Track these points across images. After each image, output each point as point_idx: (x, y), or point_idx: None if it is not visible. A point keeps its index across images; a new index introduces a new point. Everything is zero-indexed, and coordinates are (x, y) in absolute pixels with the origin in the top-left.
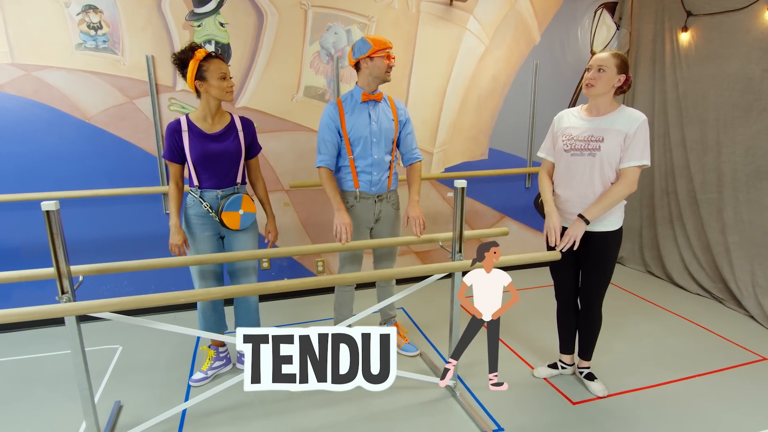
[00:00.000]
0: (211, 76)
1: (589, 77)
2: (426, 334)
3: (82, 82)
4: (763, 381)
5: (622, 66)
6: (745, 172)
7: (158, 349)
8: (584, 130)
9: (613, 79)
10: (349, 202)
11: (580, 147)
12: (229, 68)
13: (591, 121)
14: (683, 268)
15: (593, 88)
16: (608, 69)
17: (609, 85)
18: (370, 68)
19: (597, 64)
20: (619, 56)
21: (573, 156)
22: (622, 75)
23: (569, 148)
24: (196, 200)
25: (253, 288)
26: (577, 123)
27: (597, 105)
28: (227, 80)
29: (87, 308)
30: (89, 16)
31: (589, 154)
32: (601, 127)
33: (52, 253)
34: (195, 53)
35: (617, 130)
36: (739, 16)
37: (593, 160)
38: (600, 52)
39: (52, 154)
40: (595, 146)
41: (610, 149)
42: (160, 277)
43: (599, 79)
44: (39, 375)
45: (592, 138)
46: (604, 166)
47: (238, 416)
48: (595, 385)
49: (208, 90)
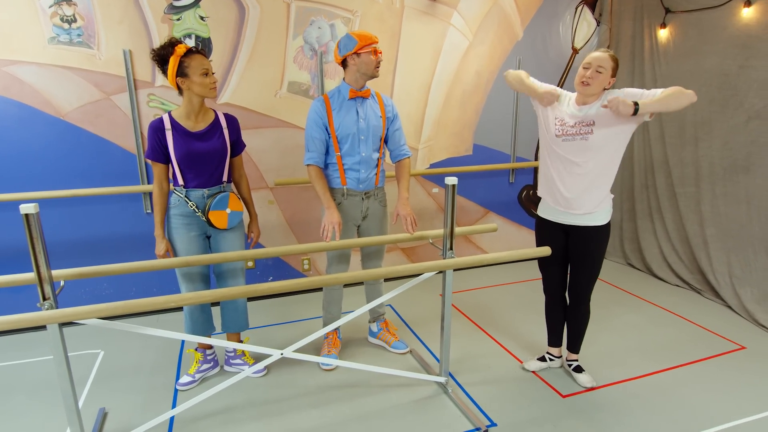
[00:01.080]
0: (193, 72)
1: (587, 75)
2: (415, 331)
3: (56, 77)
4: (744, 369)
5: (616, 69)
6: (722, 165)
7: (142, 352)
8: (575, 117)
9: (606, 81)
10: (336, 199)
11: (572, 132)
12: (211, 63)
13: (580, 109)
14: (662, 260)
15: (589, 87)
16: (605, 71)
17: (603, 86)
18: (357, 65)
19: (597, 64)
20: (615, 59)
21: (565, 142)
22: (614, 79)
23: (560, 133)
24: (181, 200)
25: (243, 290)
26: (570, 111)
27: (586, 99)
28: (210, 76)
29: (73, 315)
30: (62, 9)
31: (582, 138)
32: (591, 112)
33: (32, 257)
34: (175, 49)
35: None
36: (716, 13)
37: (586, 144)
38: (597, 52)
39: (25, 153)
40: (587, 130)
41: (601, 134)
42: (142, 279)
43: (596, 79)
44: (19, 383)
45: (583, 123)
46: (599, 148)
47: (229, 419)
48: (583, 377)
49: (190, 87)
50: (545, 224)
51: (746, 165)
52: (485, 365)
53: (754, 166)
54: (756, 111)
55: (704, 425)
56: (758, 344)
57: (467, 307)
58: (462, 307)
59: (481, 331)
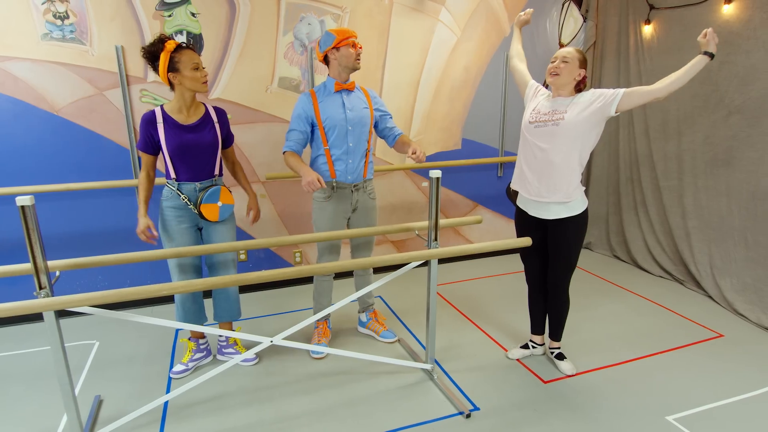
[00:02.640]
0: (183, 67)
1: (553, 66)
2: (403, 321)
3: (49, 73)
4: (720, 356)
5: (583, 61)
6: (704, 159)
7: (136, 343)
8: (548, 106)
9: (575, 71)
10: (326, 192)
11: (544, 119)
12: (201, 58)
13: (555, 100)
14: (647, 252)
15: (558, 77)
16: (571, 61)
17: (572, 76)
18: (338, 59)
19: (561, 56)
20: (580, 52)
21: (537, 128)
22: (582, 70)
23: (534, 119)
24: (173, 193)
25: (234, 279)
26: (543, 101)
27: (559, 92)
28: (200, 70)
29: (67, 303)
30: (55, 6)
31: (553, 124)
32: (565, 103)
33: (29, 248)
34: (165, 45)
35: (580, 102)
36: (698, 9)
37: (556, 129)
38: (566, 47)
39: (19, 148)
40: (559, 117)
41: (573, 118)
42: (136, 271)
43: (563, 69)
44: (17, 372)
45: (555, 111)
46: (565, 137)
47: (221, 406)
48: (564, 365)
49: (182, 81)
50: (523, 216)
51: (727, 159)
52: (471, 353)
53: (735, 160)
54: (736, 106)
55: (678, 408)
56: (736, 332)
57: (455, 298)
58: (450, 298)
59: (467, 321)
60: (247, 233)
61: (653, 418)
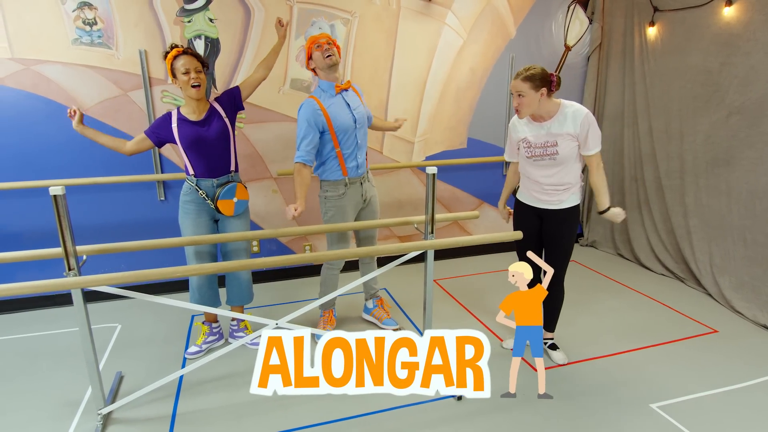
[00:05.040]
0: (177, 71)
1: (515, 104)
2: (406, 312)
3: (79, 75)
4: (711, 350)
5: (537, 83)
6: (705, 159)
7: (155, 326)
8: (538, 137)
9: (534, 98)
10: (340, 189)
11: (540, 153)
12: (198, 63)
13: (541, 126)
14: (650, 250)
15: (521, 112)
16: (525, 93)
17: (533, 104)
18: (316, 64)
19: (515, 91)
20: (529, 78)
21: (536, 162)
22: (543, 87)
23: (531, 155)
24: (192, 188)
25: (245, 263)
26: (529, 131)
27: (539, 113)
28: (189, 74)
29: (92, 281)
30: (84, 13)
31: (550, 158)
32: (552, 132)
33: (60, 233)
34: (169, 53)
35: (567, 134)
36: (701, 12)
37: (554, 162)
38: (514, 79)
39: (51, 145)
40: (552, 151)
41: (566, 151)
42: (156, 260)
43: (522, 104)
44: (44, 351)
45: (547, 144)
46: (566, 163)
47: (230, 384)
48: (557, 354)
49: (179, 86)
50: (522, 207)
51: (727, 158)
52: None
53: (735, 160)
54: (736, 107)
55: (663, 397)
56: (731, 328)
57: (457, 291)
58: (452, 291)
59: (467, 313)
60: (260, 226)
61: (638, 405)
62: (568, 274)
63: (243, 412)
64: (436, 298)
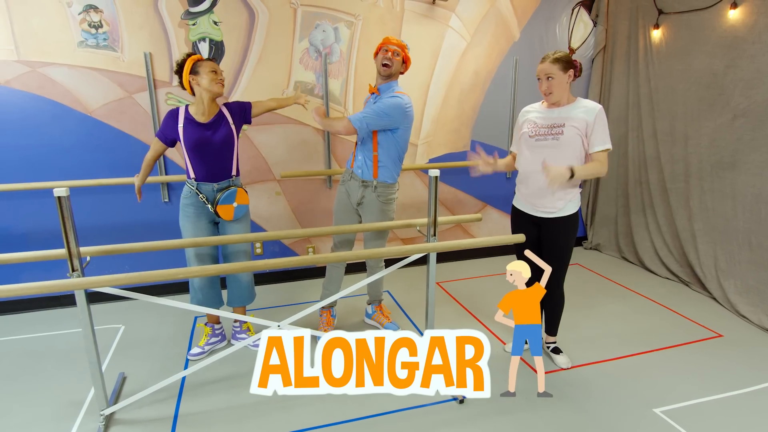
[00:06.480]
0: (203, 70)
1: (544, 89)
2: (408, 315)
3: (84, 77)
4: (715, 354)
5: (565, 65)
6: (709, 162)
7: (158, 328)
8: (547, 119)
9: (563, 80)
10: (344, 177)
11: (544, 133)
12: (219, 67)
13: (552, 111)
14: (654, 253)
15: (552, 95)
16: (555, 74)
17: (563, 86)
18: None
19: (545, 74)
20: (558, 60)
21: (538, 141)
22: (570, 70)
23: (534, 134)
24: (192, 192)
25: (246, 265)
26: (540, 114)
27: (557, 98)
28: (217, 73)
29: (96, 282)
30: (90, 16)
31: (553, 138)
32: (562, 116)
33: (64, 234)
34: (191, 56)
35: (577, 118)
36: (706, 14)
37: (557, 143)
38: (542, 63)
39: (57, 146)
40: (558, 131)
41: (571, 135)
42: (159, 262)
43: (552, 86)
44: (47, 351)
45: (554, 125)
46: (566, 150)
47: (232, 385)
48: (560, 358)
49: (199, 82)
50: (519, 214)
51: (732, 162)
52: None
53: (739, 163)
54: (741, 110)
55: (667, 401)
56: (735, 333)
57: (460, 294)
58: (456, 294)
59: (470, 316)
60: (263, 228)
61: (641, 410)
62: (571, 277)
63: (245, 413)
64: (438, 300)
